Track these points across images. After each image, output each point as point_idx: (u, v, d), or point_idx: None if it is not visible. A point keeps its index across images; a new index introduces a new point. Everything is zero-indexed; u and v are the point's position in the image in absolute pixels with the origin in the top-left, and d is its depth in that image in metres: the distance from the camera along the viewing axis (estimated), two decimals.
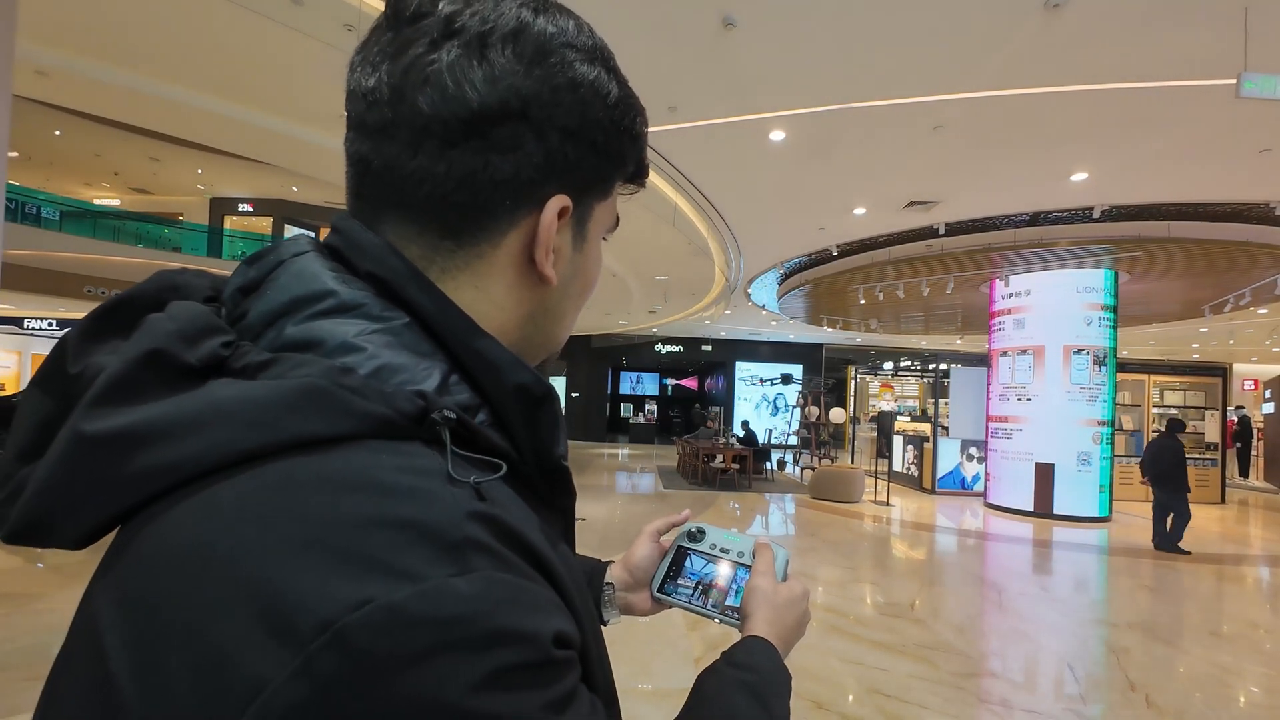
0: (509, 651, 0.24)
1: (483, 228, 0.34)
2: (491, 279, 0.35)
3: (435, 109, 0.31)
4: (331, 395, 0.27)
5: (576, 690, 0.27)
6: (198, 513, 0.25)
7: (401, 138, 0.32)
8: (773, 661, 0.49)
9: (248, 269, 0.33)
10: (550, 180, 0.34)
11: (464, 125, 0.32)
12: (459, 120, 0.32)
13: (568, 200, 0.35)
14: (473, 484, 0.27)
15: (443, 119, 0.31)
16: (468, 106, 0.31)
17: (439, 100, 0.31)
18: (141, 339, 0.28)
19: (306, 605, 0.22)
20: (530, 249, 0.35)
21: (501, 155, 0.32)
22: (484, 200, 0.33)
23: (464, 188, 0.32)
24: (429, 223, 0.34)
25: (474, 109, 0.31)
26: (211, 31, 3.87)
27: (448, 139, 0.32)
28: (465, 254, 0.34)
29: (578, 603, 0.30)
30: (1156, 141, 4.85)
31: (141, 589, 0.25)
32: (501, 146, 0.32)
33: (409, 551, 0.24)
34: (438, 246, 0.34)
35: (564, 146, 0.34)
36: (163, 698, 0.22)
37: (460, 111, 0.31)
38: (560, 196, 0.35)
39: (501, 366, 0.33)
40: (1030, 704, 2.84)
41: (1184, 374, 10.35)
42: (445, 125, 0.32)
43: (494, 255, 0.35)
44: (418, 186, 0.33)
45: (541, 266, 0.35)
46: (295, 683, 0.21)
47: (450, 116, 0.31)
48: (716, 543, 0.62)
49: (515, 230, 0.34)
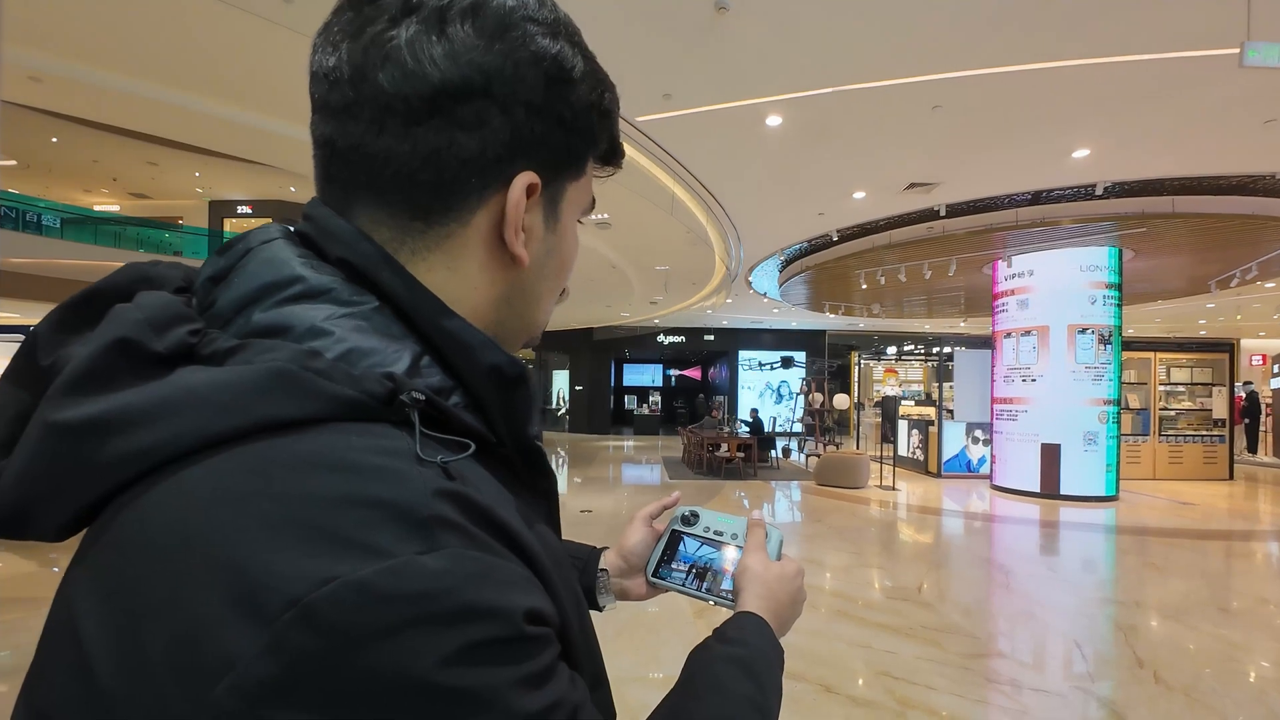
0: (478, 627, 0.24)
1: (451, 207, 0.34)
2: (463, 259, 0.35)
3: (396, 87, 0.31)
4: (299, 378, 0.27)
5: (554, 666, 0.27)
6: (170, 496, 0.25)
7: (364, 117, 0.32)
8: (763, 636, 0.49)
9: (218, 258, 0.33)
10: (517, 157, 0.34)
11: (426, 102, 0.31)
12: (421, 97, 0.31)
13: (536, 178, 0.35)
14: (440, 463, 0.27)
15: (404, 96, 0.31)
16: (429, 83, 0.31)
17: (400, 78, 0.31)
18: (108, 328, 0.28)
19: (275, 583, 0.22)
20: (499, 228, 0.35)
21: (466, 132, 0.32)
22: (450, 179, 0.33)
23: (429, 166, 0.32)
24: (397, 203, 0.33)
25: (435, 85, 0.31)
26: (204, 33, 3.84)
27: (411, 117, 0.32)
28: (435, 234, 0.34)
29: (556, 582, 0.31)
30: (1159, 115, 4.79)
31: (116, 572, 0.25)
32: (466, 123, 0.32)
33: (377, 529, 0.24)
34: (407, 228, 0.34)
35: (530, 122, 0.34)
36: (138, 677, 0.23)
37: (422, 88, 0.31)
38: (528, 173, 0.34)
39: (474, 347, 0.33)
40: (1039, 683, 2.85)
41: (1191, 350, 10.27)
42: (407, 103, 0.31)
43: (463, 235, 0.35)
44: (383, 166, 0.32)
45: (512, 245, 0.35)
46: (265, 659, 0.22)
47: (412, 94, 0.31)
48: (710, 525, 0.62)
49: (484, 209, 0.34)
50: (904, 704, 2.59)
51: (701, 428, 10.75)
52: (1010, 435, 8.07)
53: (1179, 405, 10.17)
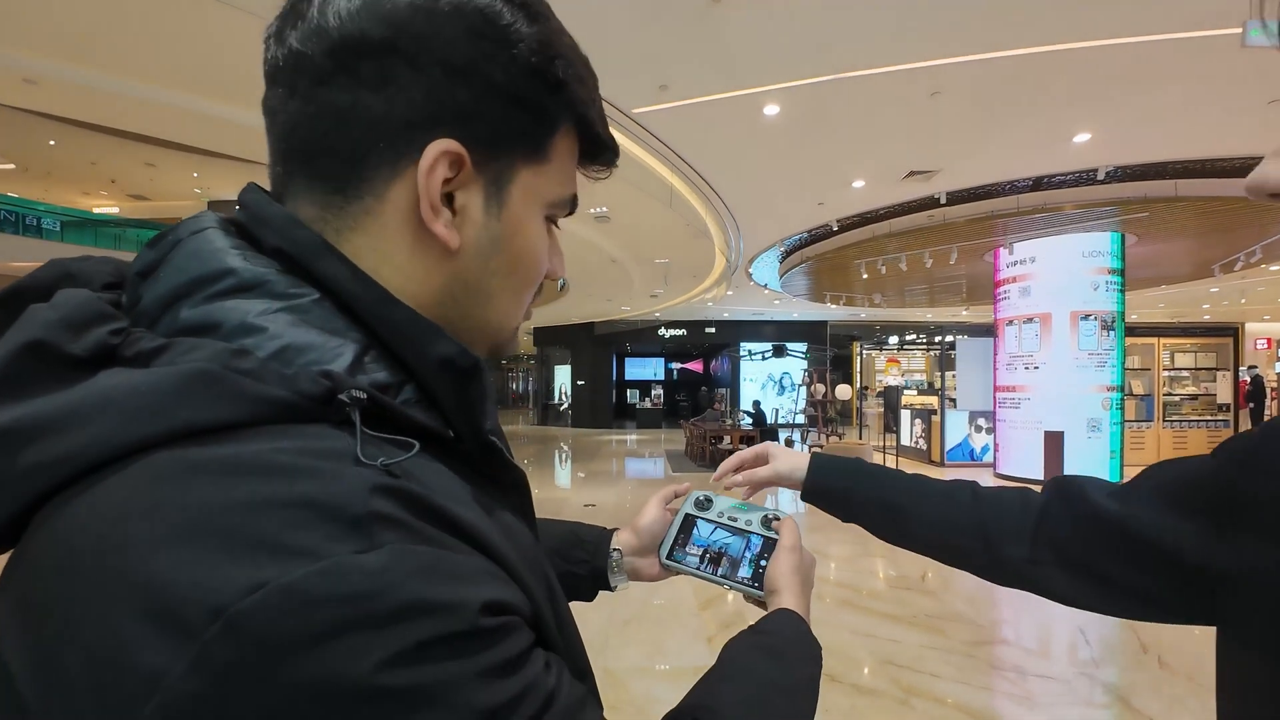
0: (423, 624, 0.23)
1: (363, 179, 0.31)
2: (386, 240, 0.32)
3: (303, 44, 0.30)
4: (222, 380, 0.26)
5: (524, 655, 0.26)
6: (85, 509, 0.24)
7: (281, 80, 0.31)
8: (798, 630, 0.50)
9: (148, 251, 0.31)
10: (438, 125, 0.31)
11: (329, 58, 0.30)
12: (324, 53, 0.30)
13: (457, 146, 0.31)
14: (380, 465, 0.26)
15: (309, 54, 0.30)
16: (329, 39, 0.30)
17: (306, 35, 0.30)
18: (19, 331, 0.26)
19: (195, 595, 0.21)
20: None
21: (372, 92, 0.30)
22: (358, 144, 0.31)
23: (337, 130, 0.30)
24: (314, 175, 0.32)
25: (334, 41, 0.30)
26: (198, 31, 3.83)
27: (316, 76, 0.30)
28: (354, 210, 0.32)
29: (523, 571, 0.29)
30: (1161, 97, 4.74)
31: (33, 591, 0.24)
32: (370, 82, 0.30)
33: (306, 530, 0.23)
34: (327, 203, 0.32)
35: (450, 84, 0.31)
36: (64, 701, 0.21)
37: (323, 44, 0.30)
38: (444, 140, 0.31)
39: (421, 338, 0.31)
40: (1043, 669, 2.86)
41: (1194, 335, 10.24)
42: (312, 60, 0.30)
43: (381, 211, 0.32)
44: (293, 133, 0.31)
45: (428, 222, 0.32)
46: (192, 676, 0.20)
47: (315, 50, 0.30)
48: (724, 511, 0.63)
49: (399, 181, 0.31)
50: (909, 692, 2.60)
51: (704, 420, 10.76)
52: (1013, 423, 8.05)
53: (1183, 391, 10.15)
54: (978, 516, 0.58)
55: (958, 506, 0.59)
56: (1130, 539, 0.48)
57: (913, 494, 0.62)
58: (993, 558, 0.57)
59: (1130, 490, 0.51)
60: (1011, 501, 0.58)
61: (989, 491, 0.60)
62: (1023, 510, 0.56)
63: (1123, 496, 0.51)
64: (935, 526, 0.60)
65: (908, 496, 0.62)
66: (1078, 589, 0.53)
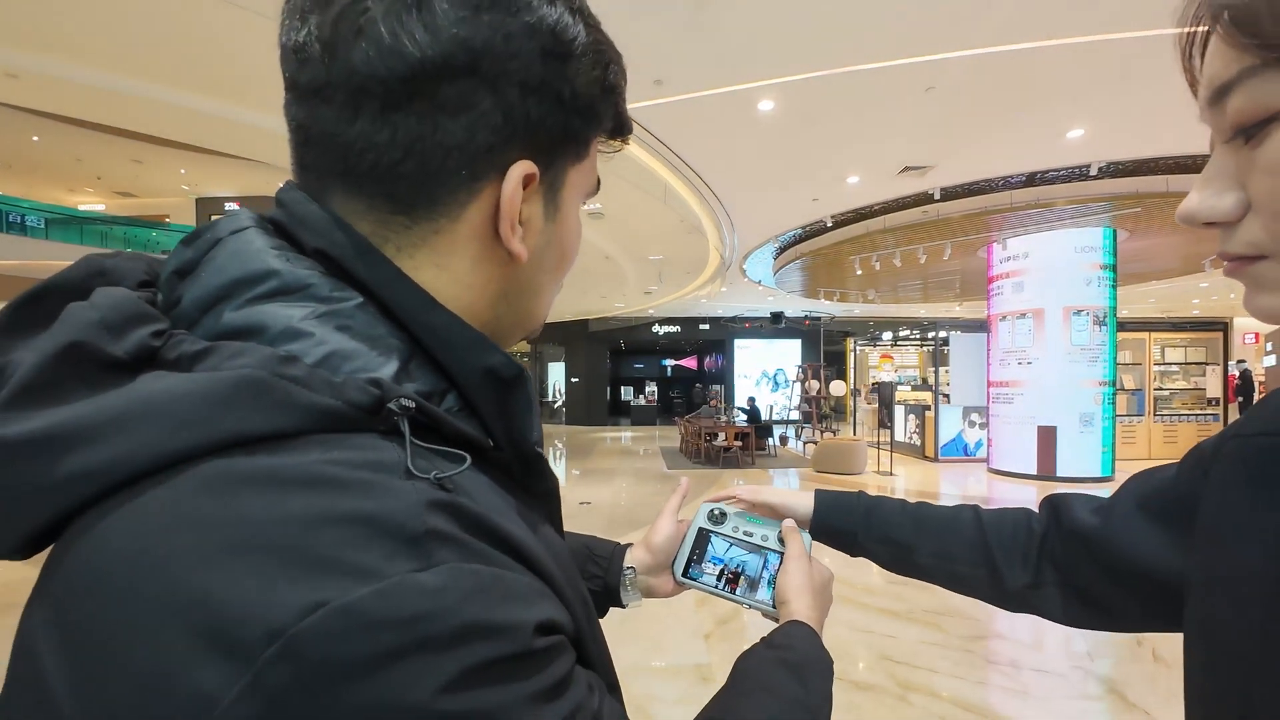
0: (482, 646, 0.22)
1: (438, 201, 0.30)
2: (453, 256, 0.32)
3: (371, 67, 0.28)
4: (271, 387, 0.25)
5: (570, 676, 0.26)
6: (128, 521, 0.23)
7: (338, 100, 0.29)
8: (812, 644, 0.49)
9: (184, 249, 0.30)
10: (512, 143, 0.31)
11: (405, 84, 0.28)
12: (399, 79, 0.28)
13: (533, 166, 0.31)
14: (433, 479, 0.25)
15: (380, 78, 0.28)
16: (406, 61, 0.28)
17: (374, 56, 0.27)
18: (59, 331, 0.25)
19: (251, 614, 0.20)
20: (494, 222, 0.31)
21: (452, 117, 0.29)
22: (435, 170, 0.30)
23: (411, 156, 0.29)
24: (376, 196, 0.30)
25: (414, 64, 0.28)
26: (185, 25, 3.76)
27: (389, 101, 0.28)
28: (421, 230, 0.31)
29: (565, 588, 0.29)
30: (1153, 93, 4.76)
31: (74, 608, 0.23)
32: (451, 107, 0.29)
33: (364, 548, 0.22)
34: (389, 222, 0.31)
35: (525, 103, 0.30)
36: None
37: (399, 68, 0.28)
38: (524, 163, 0.31)
39: (466, 346, 0.30)
40: (1038, 663, 2.88)
41: (1185, 330, 10.34)
42: (384, 85, 0.28)
43: (453, 230, 0.31)
44: (360, 156, 0.29)
45: (508, 242, 0.32)
46: (247, 700, 0.20)
47: (389, 75, 0.28)
48: (739, 526, 0.61)
49: (475, 202, 0.31)
50: (906, 687, 2.61)
51: (699, 417, 10.77)
52: (1006, 418, 8.09)
53: (1173, 385, 10.25)
54: (982, 544, 0.58)
55: (961, 537, 0.60)
56: (1112, 554, 0.48)
57: (916, 529, 0.62)
58: (998, 585, 0.57)
59: (1112, 504, 0.51)
60: (1015, 526, 0.58)
61: (992, 516, 0.60)
62: (1027, 534, 0.57)
63: (1105, 511, 0.51)
64: (941, 559, 0.60)
65: (911, 533, 0.62)
66: (1075, 610, 0.53)
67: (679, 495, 0.64)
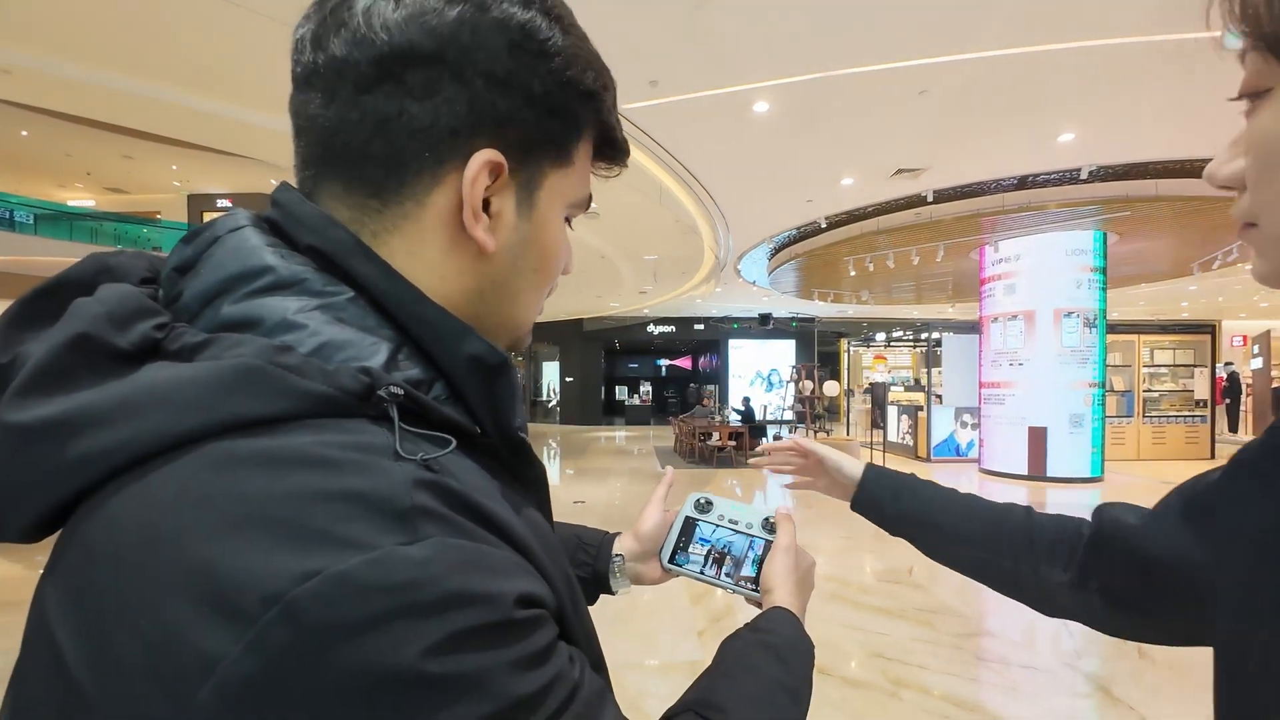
0: (465, 613, 0.24)
1: (405, 184, 0.32)
2: (424, 244, 0.33)
3: (346, 51, 0.31)
4: (269, 375, 0.26)
5: (551, 647, 0.28)
6: (137, 498, 0.25)
7: (319, 85, 0.32)
8: (794, 628, 0.51)
9: (184, 247, 0.32)
10: (478, 133, 0.32)
11: (375, 67, 0.31)
12: (369, 62, 0.31)
13: (498, 156, 0.32)
14: (420, 460, 0.27)
15: (354, 62, 0.31)
16: (376, 48, 0.30)
17: (350, 43, 0.31)
18: (68, 324, 0.27)
19: (252, 581, 0.22)
20: (461, 212, 0.33)
21: (418, 101, 0.31)
22: (401, 151, 0.31)
23: (380, 137, 0.31)
24: (352, 179, 0.33)
25: (382, 49, 0.30)
26: (177, 21, 3.74)
27: (360, 84, 0.31)
28: (392, 214, 0.33)
29: (548, 565, 0.30)
30: (1143, 98, 4.81)
31: (87, 579, 0.24)
32: (417, 91, 0.31)
33: (356, 522, 0.24)
34: (364, 206, 0.33)
35: (491, 94, 0.32)
36: (119, 683, 0.22)
37: (369, 52, 0.30)
38: (488, 150, 0.32)
39: (453, 336, 0.32)
40: (1028, 660, 2.91)
41: (1173, 332, 10.44)
42: (356, 68, 0.31)
43: (421, 215, 0.33)
44: (333, 137, 0.32)
45: (470, 229, 0.33)
46: (248, 657, 0.21)
47: (361, 59, 0.31)
48: (725, 513, 0.62)
49: (440, 188, 0.32)
50: (897, 684, 2.63)
51: (693, 416, 10.79)
52: (998, 419, 8.16)
53: (1162, 387, 10.35)
54: (1026, 536, 0.57)
55: (1002, 528, 0.59)
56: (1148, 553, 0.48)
57: (961, 515, 0.61)
58: (1035, 578, 0.56)
59: (1157, 507, 0.51)
60: (1061, 526, 0.57)
61: (1042, 515, 0.59)
62: (1074, 535, 0.56)
63: (1149, 513, 0.51)
64: (971, 544, 0.60)
65: (955, 517, 0.61)
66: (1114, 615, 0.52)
67: (665, 484, 0.66)
